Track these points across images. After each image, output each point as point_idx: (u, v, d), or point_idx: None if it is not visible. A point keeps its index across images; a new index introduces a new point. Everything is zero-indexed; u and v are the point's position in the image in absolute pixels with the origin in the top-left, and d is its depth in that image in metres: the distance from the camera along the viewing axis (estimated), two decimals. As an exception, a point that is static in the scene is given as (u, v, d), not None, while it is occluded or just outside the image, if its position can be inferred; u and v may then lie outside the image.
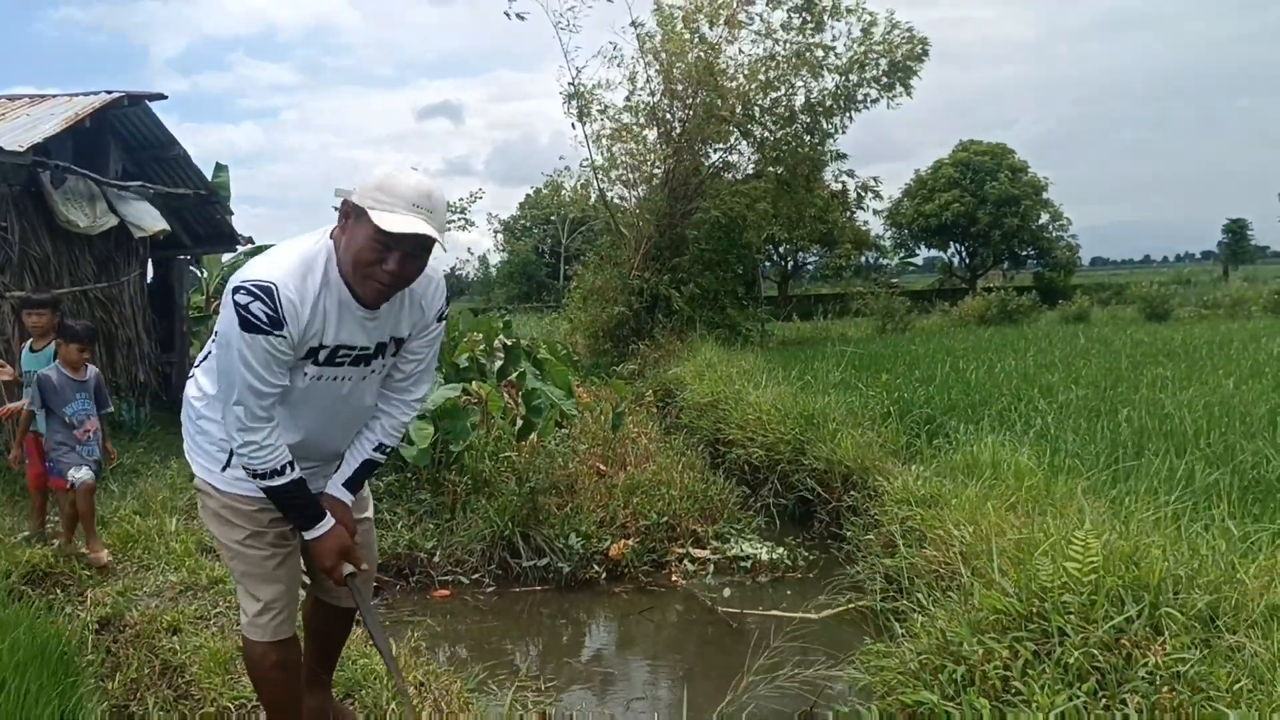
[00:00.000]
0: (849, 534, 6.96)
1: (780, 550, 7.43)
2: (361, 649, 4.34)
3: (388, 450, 3.14)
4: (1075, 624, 3.56)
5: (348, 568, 2.99)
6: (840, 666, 4.79)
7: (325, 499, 3.01)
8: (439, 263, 3.00)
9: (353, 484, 3.08)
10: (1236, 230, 62.81)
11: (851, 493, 7.46)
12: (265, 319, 2.62)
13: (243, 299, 2.62)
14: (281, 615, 3.05)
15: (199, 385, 3.00)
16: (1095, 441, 7.19)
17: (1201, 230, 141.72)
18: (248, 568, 3.01)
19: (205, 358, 3.00)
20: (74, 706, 3.67)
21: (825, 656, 5.11)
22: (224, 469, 2.95)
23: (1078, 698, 3.18)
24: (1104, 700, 3.17)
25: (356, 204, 2.67)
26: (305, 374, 2.83)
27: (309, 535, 2.93)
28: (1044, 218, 42.96)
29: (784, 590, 6.87)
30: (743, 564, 7.29)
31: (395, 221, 2.60)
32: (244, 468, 2.81)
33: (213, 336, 2.92)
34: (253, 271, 2.68)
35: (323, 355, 2.81)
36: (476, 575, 7.04)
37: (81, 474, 6.00)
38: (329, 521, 2.95)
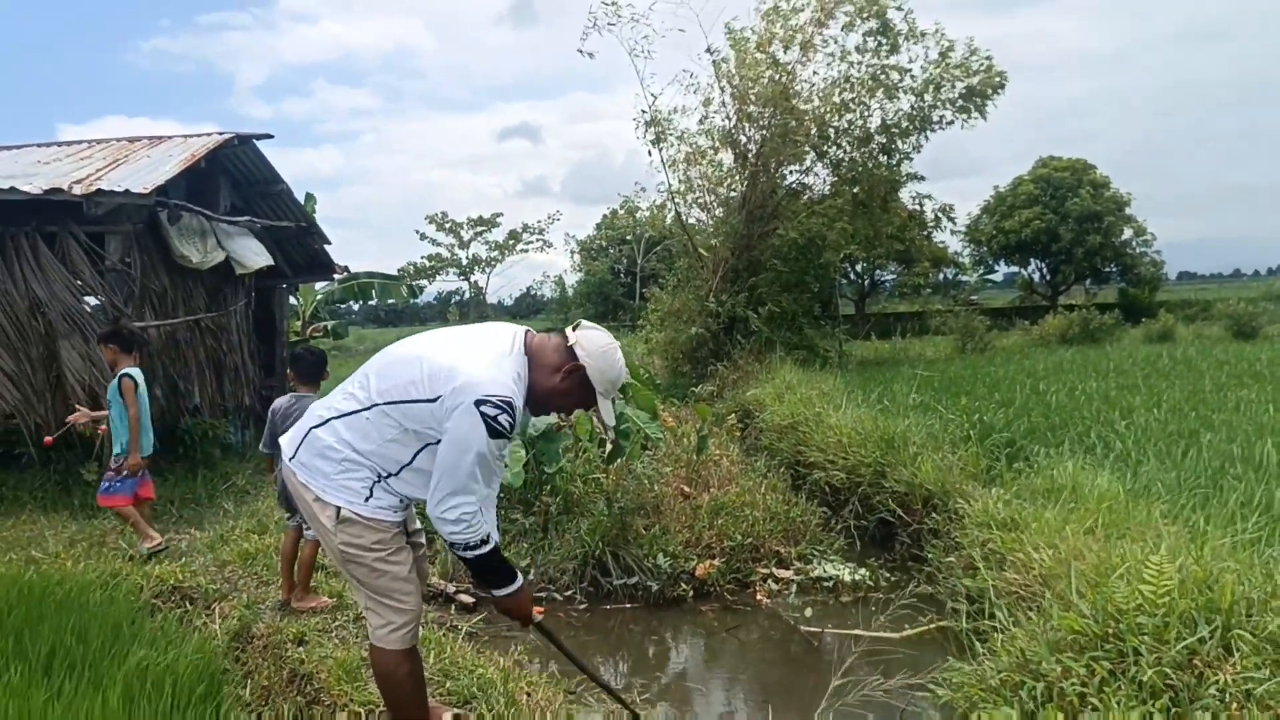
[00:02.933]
0: (930, 556, 7.14)
1: (862, 571, 7.63)
2: (475, 660, 4.67)
3: None
4: (1149, 644, 3.74)
5: (536, 615, 3.53)
6: (923, 685, 5.00)
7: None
8: None
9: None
10: (1331, 242, 60.86)
11: (932, 515, 7.63)
12: (509, 426, 3.17)
13: (492, 411, 3.13)
14: (413, 626, 3.46)
15: (341, 436, 3.40)
16: (1176, 466, 7.27)
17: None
18: (389, 582, 3.39)
19: (354, 413, 3.38)
20: (220, 713, 4.04)
21: (907, 675, 5.32)
22: (367, 500, 3.38)
23: (1151, 714, 3.37)
24: (1175, 716, 3.35)
25: (591, 381, 3.38)
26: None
27: (503, 592, 3.40)
28: (1127, 233, 42.17)
29: (866, 610, 7.06)
30: (825, 584, 7.51)
31: (609, 413, 3.46)
32: (453, 545, 3.27)
33: (349, 395, 3.44)
34: (495, 387, 3.16)
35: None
36: (569, 592, 7.37)
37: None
38: (521, 580, 3.43)
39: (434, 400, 3.19)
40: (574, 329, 3.47)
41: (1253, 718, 3.22)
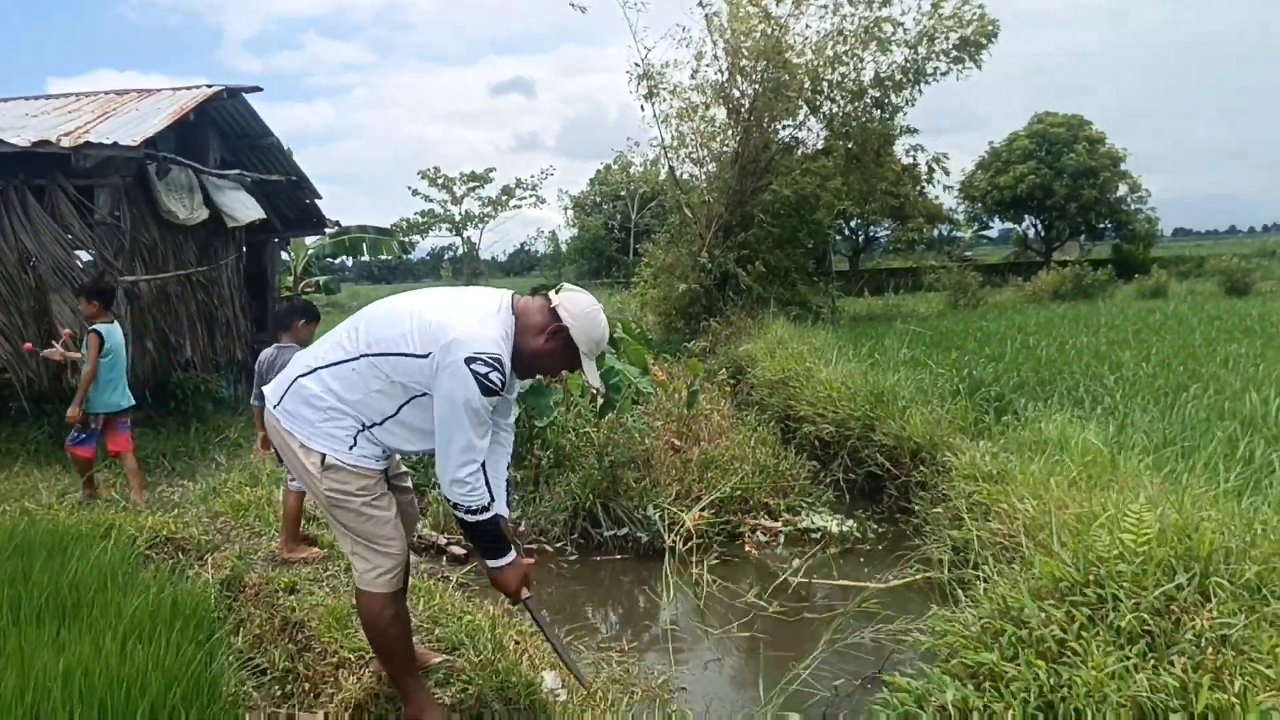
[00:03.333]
0: (917, 508, 7.20)
1: (850, 523, 7.70)
2: (464, 607, 4.73)
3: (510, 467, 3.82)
4: (1128, 591, 3.79)
5: (525, 592, 3.52)
6: (907, 633, 5.07)
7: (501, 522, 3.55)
8: None
9: (507, 502, 3.71)
10: (1325, 199, 60.63)
11: (920, 468, 7.69)
12: (500, 383, 3.22)
13: (482, 369, 3.17)
14: (398, 570, 3.52)
15: (327, 385, 3.43)
16: (1162, 419, 7.33)
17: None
18: (373, 527, 3.45)
19: (341, 363, 3.41)
20: (214, 657, 4.09)
21: (893, 624, 5.40)
22: (351, 448, 3.42)
23: (1128, 659, 3.42)
24: (1152, 661, 3.41)
25: (574, 341, 3.41)
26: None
27: (496, 563, 3.46)
28: (1122, 189, 42.08)
29: (854, 561, 7.15)
30: (813, 535, 7.59)
31: (594, 374, 3.53)
32: (456, 506, 3.32)
33: (336, 345, 3.47)
34: (483, 344, 3.21)
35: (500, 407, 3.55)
36: (560, 544, 7.44)
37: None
38: (514, 553, 3.48)
39: (424, 356, 3.22)
40: (557, 292, 3.50)
41: (1227, 662, 3.28)
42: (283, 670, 4.44)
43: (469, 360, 3.15)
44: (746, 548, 7.51)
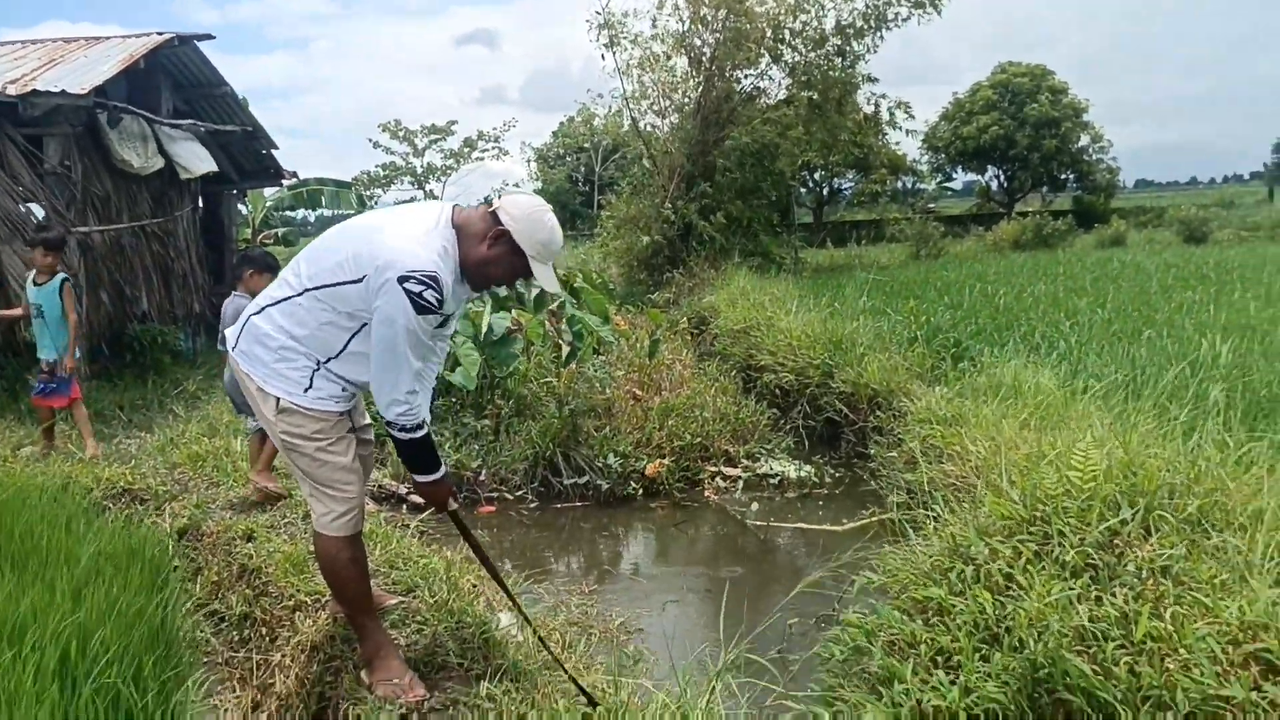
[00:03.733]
0: (874, 452, 7.29)
1: (808, 468, 7.79)
2: (421, 551, 4.75)
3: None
4: (1074, 526, 3.87)
5: (452, 503, 3.53)
6: (861, 572, 5.15)
7: None
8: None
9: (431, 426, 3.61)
10: (1286, 150, 61.30)
11: (877, 414, 7.77)
12: (436, 301, 3.12)
13: (415, 287, 3.08)
14: (355, 514, 3.48)
15: (277, 323, 3.37)
16: (1115, 363, 7.44)
17: (1253, 151, 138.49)
18: (329, 472, 3.41)
19: (284, 300, 3.37)
20: (168, 603, 4.09)
21: (849, 564, 5.48)
22: (307, 390, 3.36)
23: (1072, 590, 3.50)
24: (1095, 593, 3.48)
25: (519, 244, 3.26)
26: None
27: (426, 479, 3.42)
28: (1084, 140, 42.23)
29: (811, 505, 7.24)
30: (772, 481, 7.67)
31: (547, 277, 3.33)
32: (391, 424, 3.26)
33: (283, 282, 3.42)
34: (417, 261, 3.10)
35: (444, 324, 3.40)
36: (520, 492, 7.48)
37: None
38: (444, 469, 3.45)
39: (359, 281, 3.17)
40: (499, 196, 3.42)
41: (1166, 592, 3.36)
42: (240, 615, 4.46)
43: (402, 279, 3.08)
44: (706, 494, 7.58)
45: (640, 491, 7.50)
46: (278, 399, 3.37)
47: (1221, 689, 2.74)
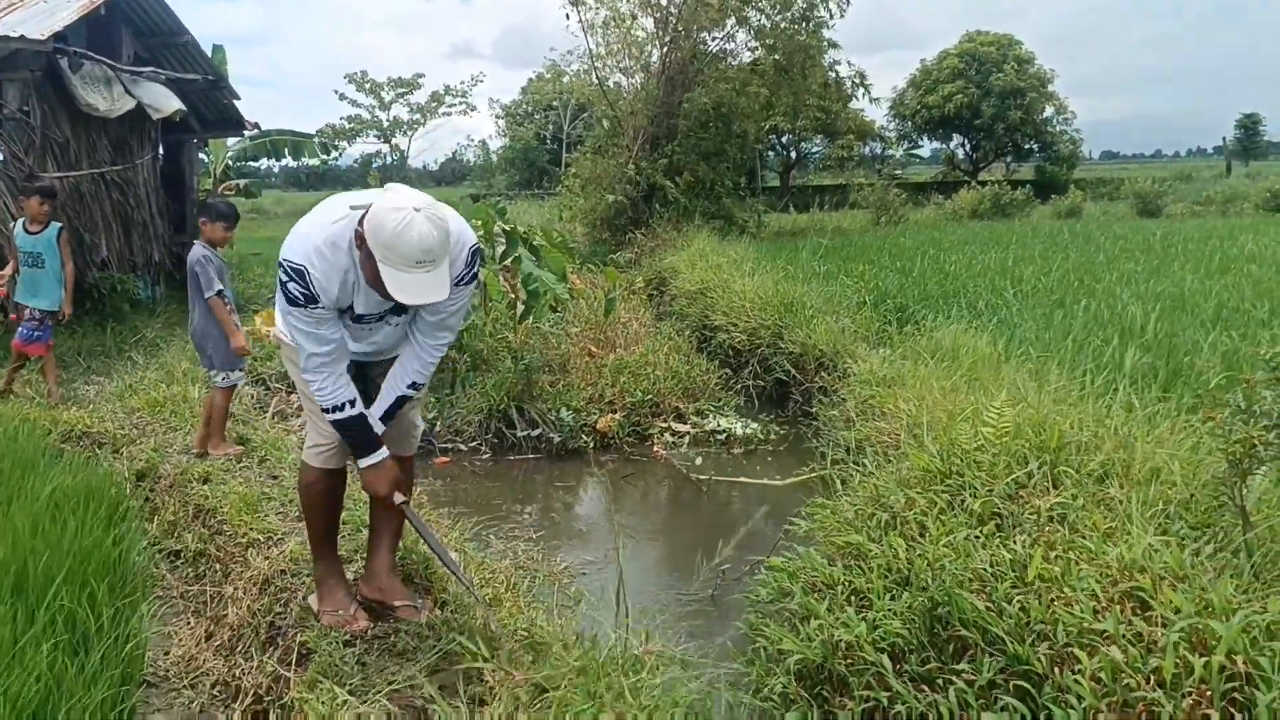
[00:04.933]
0: (818, 411, 7.55)
1: (754, 425, 8.05)
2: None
3: (419, 386, 3.56)
4: (984, 479, 4.15)
5: (398, 496, 3.47)
6: (794, 522, 5.42)
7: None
8: (467, 233, 3.32)
9: (387, 416, 3.51)
10: (1249, 126, 61.99)
11: (823, 374, 8.03)
12: (301, 296, 3.08)
13: (283, 277, 3.08)
14: (334, 449, 3.55)
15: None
16: (1050, 329, 7.73)
17: (1217, 125, 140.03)
18: (313, 405, 3.44)
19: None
20: (124, 538, 4.28)
21: (783, 515, 5.75)
22: None
23: (978, 537, 3.76)
24: (998, 539, 3.75)
25: (369, 248, 2.95)
26: (343, 323, 3.31)
27: (364, 463, 3.39)
28: (1048, 111, 42.67)
29: (755, 461, 7.50)
30: (719, 437, 7.92)
31: (401, 286, 2.92)
32: (312, 399, 3.32)
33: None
34: (290, 252, 3.09)
35: (352, 317, 3.30)
36: (474, 444, 7.69)
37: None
38: (382, 453, 3.39)
39: None
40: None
41: (1061, 538, 3.62)
42: (195, 552, 4.65)
43: (279, 265, 3.12)
44: (655, 449, 7.82)
45: (591, 445, 7.73)
46: (283, 334, 3.47)
47: (1096, 623, 3.00)
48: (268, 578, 3.99)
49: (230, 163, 19.67)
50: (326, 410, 3.28)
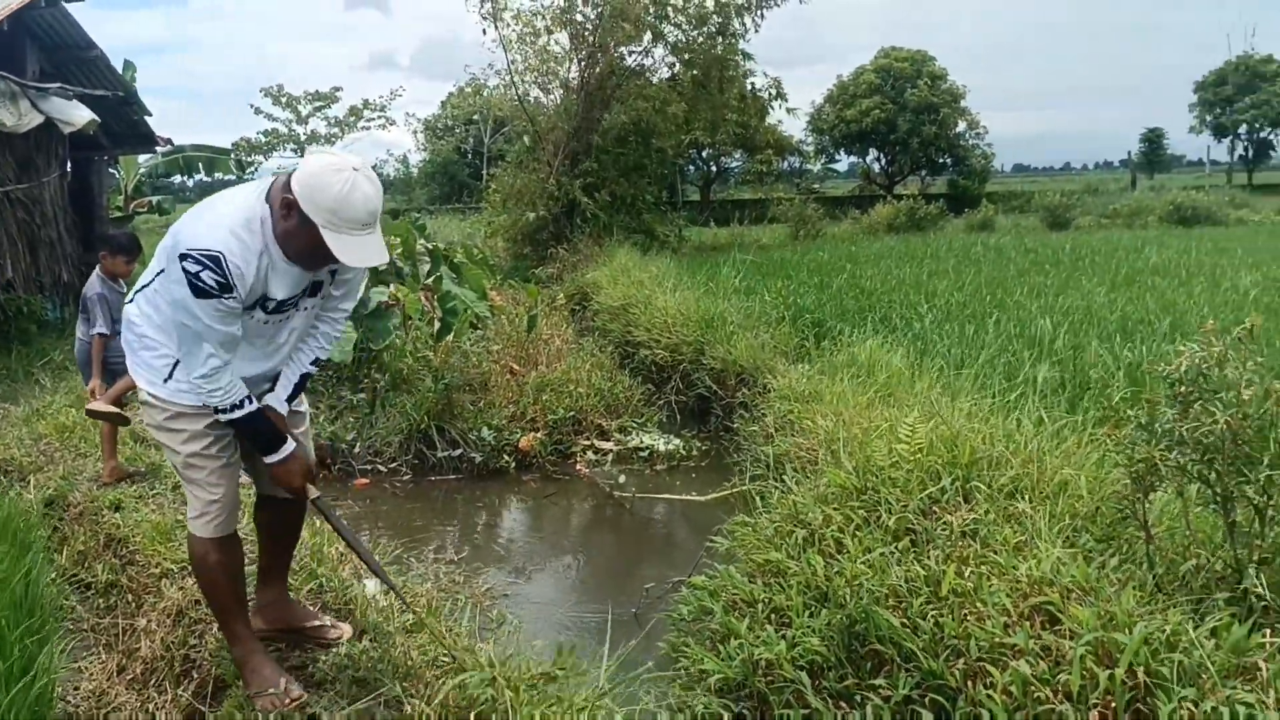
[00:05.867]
0: (739, 427, 7.62)
1: (677, 442, 8.10)
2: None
3: (321, 362, 3.48)
4: (899, 495, 4.23)
5: (312, 491, 3.34)
6: (711, 538, 5.47)
7: (268, 411, 3.27)
8: None
9: (291, 397, 3.39)
10: (1153, 139, 63.87)
11: (743, 390, 8.11)
12: (216, 285, 2.86)
13: (192, 267, 2.84)
14: (223, 516, 3.33)
15: (140, 309, 3.25)
16: (962, 344, 7.91)
17: (1123, 139, 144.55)
18: (192, 472, 3.28)
19: (147, 285, 3.25)
20: (31, 570, 4.15)
21: (706, 532, 5.79)
22: (166, 381, 3.20)
23: (894, 553, 3.84)
24: (913, 555, 3.83)
25: (306, 214, 2.84)
26: (254, 317, 3.14)
27: (272, 459, 3.23)
28: (961, 125, 43.69)
29: (678, 477, 7.55)
30: (642, 454, 7.95)
31: (349, 251, 2.85)
32: (207, 404, 3.11)
33: (156, 268, 3.18)
34: (198, 240, 2.88)
35: (270, 305, 3.10)
36: (394, 465, 7.61)
37: None
38: (290, 445, 3.24)
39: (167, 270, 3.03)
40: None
41: (974, 553, 3.71)
42: (106, 583, 4.54)
43: (182, 257, 2.87)
44: (578, 467, 7.82)
45: (513, 465, 7.70)
46: (140, 389, 3.25)
47: (1007, 637, 3.09)
48: (182, 609, 3.91)
49: (143, 179, 19.22)
50: (225, 410, 3.08)
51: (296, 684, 3.31)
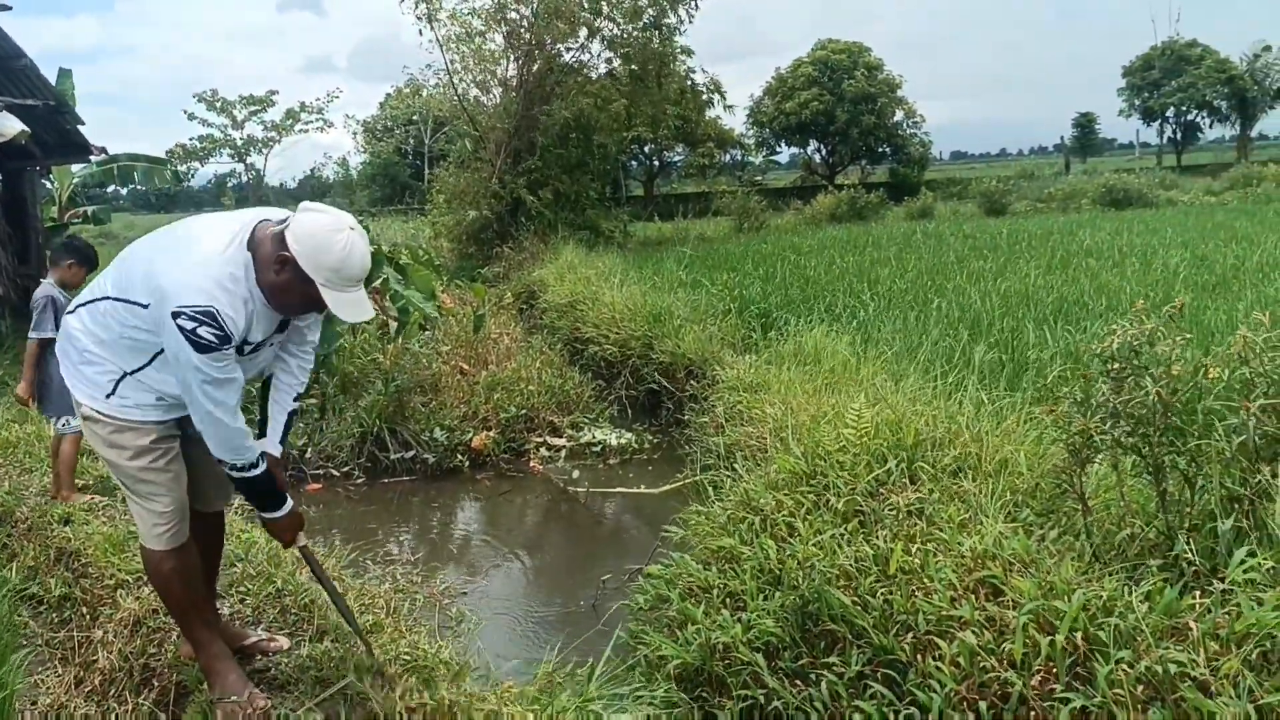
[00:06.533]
0: (689, 419, 7.72)
1: (628, 436, 8.18)
2: (243, 526, 4.87)
3: (301, 395, 3.49)
4: (846, 478, 4.34)
5: (302, 539, 3.39)
6: (669, 529, 5.55)
7: (267, 458, 3.27)
8: None
9: (283, 439, 3.44)
10: (1085, 124, 65.00)
11: (693, 382, 8.19)
12: (215, 339, 2.87)
13: (188, 324, 2.84)
14: (176, 525, 3.32)
15: (84, 323, 3.21)
16: (905, 329, 8.06)
17: (1057, 124, 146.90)
18: (140, 485, 3.26)
19: (95, 302, 3.20)
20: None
21: (660, 523, 5.87)
22: (109, 396, 3.19)
23: (843, 535, 3.94)
24: (862, 536, 3.94)
25: (304, 272, 2.91)
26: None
27: (272, 516, 3.28)
28: (899, 115, 44.22)
29: (631, 471, 7.62)
30: (594, 449, 8.02)
31: (346, 307, 2.97)
32: (221, 462, 3.11)
33: (114, 290, 3.13)
34: (186, 297, 2.86)
35: (248, 349, 3.11)
36: (347, 469, 7.60)
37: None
38: (290, 503, 3.30)
39: (147, 306, 3.00)
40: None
41: (920, 531, 3.83)
42: (59, 597, 4.49)
43: (174, 315, 2.86)
44: (531, 464, 7.86)
45: (467, 464, 7.73)
46: (81, 404, 3.23)
47: (953, 610, 3.19)
48: (139, 618, 3.90)
49: (77, 188, 18.88)
50: (240, 469, 3.11)
51: (261, 695, 3.31)
